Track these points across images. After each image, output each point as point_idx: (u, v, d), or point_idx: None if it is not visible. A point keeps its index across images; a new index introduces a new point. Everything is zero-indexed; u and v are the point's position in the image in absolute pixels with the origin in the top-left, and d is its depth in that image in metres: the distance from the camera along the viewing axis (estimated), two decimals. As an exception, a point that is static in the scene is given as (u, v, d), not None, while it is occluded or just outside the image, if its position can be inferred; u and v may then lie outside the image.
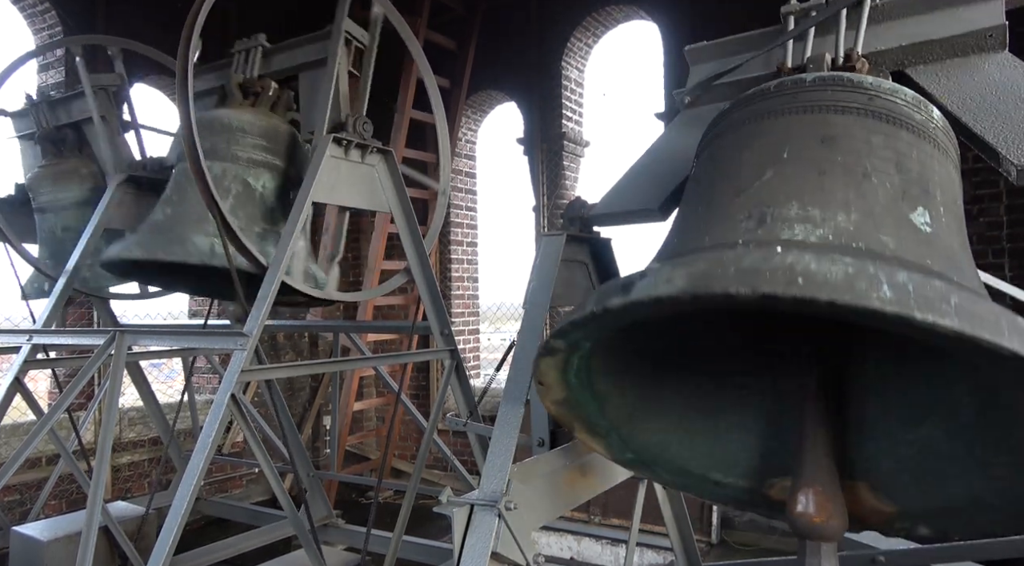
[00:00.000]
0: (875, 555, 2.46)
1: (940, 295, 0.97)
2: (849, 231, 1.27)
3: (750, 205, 1.39)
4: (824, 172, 1.39)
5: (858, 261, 1.00)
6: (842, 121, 1.47)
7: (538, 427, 2.30)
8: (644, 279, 1.14)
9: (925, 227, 1.32)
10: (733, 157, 1.56)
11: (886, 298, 0.95)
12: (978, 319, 0.95)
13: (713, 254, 1.14)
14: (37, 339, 3.73)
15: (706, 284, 1.05)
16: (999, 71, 1.76)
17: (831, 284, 0.97)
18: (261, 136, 3.42)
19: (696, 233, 1.46)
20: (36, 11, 6.18)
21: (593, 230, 2.40)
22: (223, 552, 4.16)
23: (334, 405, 5.15)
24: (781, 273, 1.01)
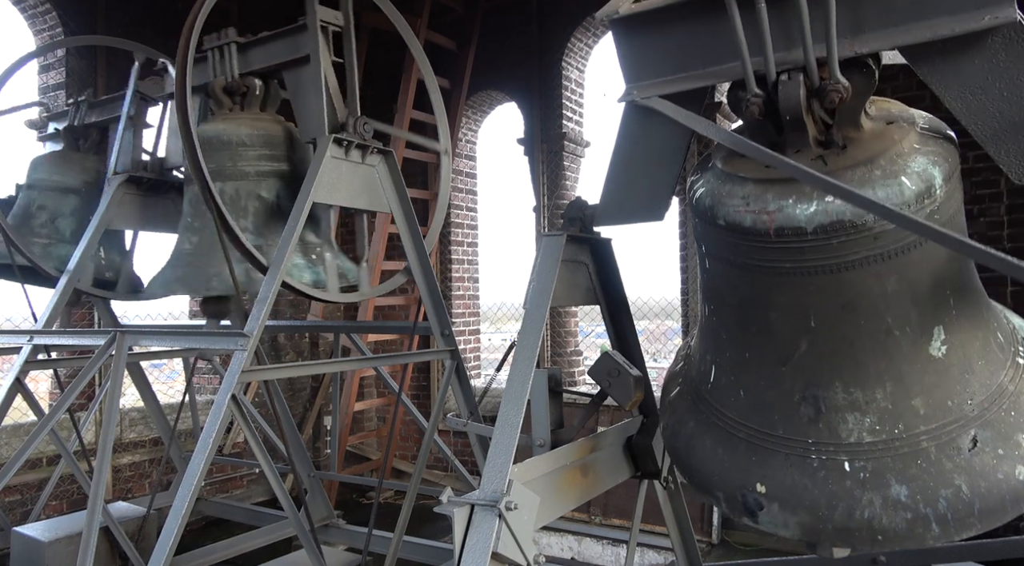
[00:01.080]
0: (876, 555, 2.46)
1: (968, 510, 1.54)
2: (889, 411, 1.63)
3: (800, 382, 1.72)
4: (853, 342, 1.65)
5: (910, 494, 1.55)
6: (855, 279, 1.61)
7: (539, 428, 2.31)
8: (764, 514, 1.70)
9: (941, 350, 1.63)
10: (759, 313, 1.78)
11: (935, 535, 1.55)
12: (995, 517, 1.55)
13: (801, 481, 1.66)
14: (38, 340, 3.74)
15: (814, 538, 1.65)
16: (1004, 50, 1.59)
17: (900, 535, 1.56)
18: (262, 145, 3.42)
19: (758, 399, 1.81)
20: (37, 12, 6.18)
21: (593, 230, 2.40)
22: (224, 552, 4.16)
23: (335, 405, 5.14)
24: (866, 534, 1.57)
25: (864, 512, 1.56)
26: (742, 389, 1.86)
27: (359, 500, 7.29)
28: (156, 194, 4.33)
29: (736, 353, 1.89)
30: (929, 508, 1.54)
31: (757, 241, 1.66)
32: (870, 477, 1.61)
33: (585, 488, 2.14)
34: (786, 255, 1.62)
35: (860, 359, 1.65)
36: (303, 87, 3.39)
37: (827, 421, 1.68)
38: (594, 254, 2.48)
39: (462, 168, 7.98)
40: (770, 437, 1.76)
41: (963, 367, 1.65)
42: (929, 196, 1.57)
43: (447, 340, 3.74)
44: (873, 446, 1.63)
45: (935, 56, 1.63)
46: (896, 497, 1.56)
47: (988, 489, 1.56)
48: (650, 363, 8.70)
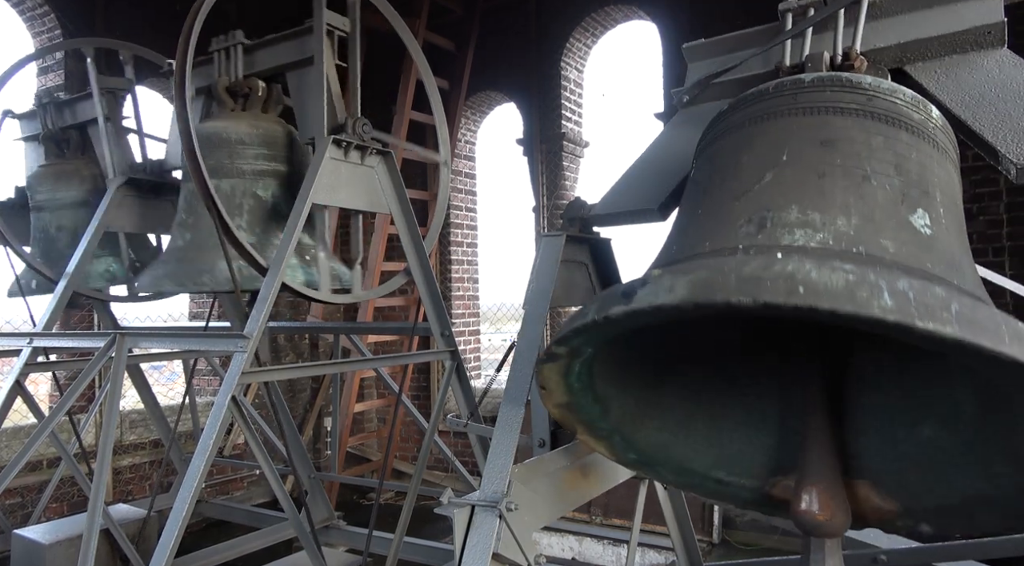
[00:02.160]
0: (876, 554, 2.46)
1: (941, 302, 0.98)
2: (849, 235, 1.27)
3: (750, 209, 1.39)
4: (824, 175, 1.38)
5: (859, 268, 1.00)
6: (841, 123, 1.47)
7: (539, 428, 2.30)
8: (645, 287, 1.13)
9: (925, 229, 1.32)
10: (732, 159, 1.56)
11: (887, 306, 0.96)
12: (978, 326, 0.96)
13: (714, 261, 1.15)
14: (38, 342, 3.74)
15: (708, 293, 1.06)
16: (998, 68, 1.76)
17: (832, 293, 0.98)
18: (262, 145, 3.42)
19: (696, 237, 1.46)
20: (35, 14, 6.19)
21: (593, 230, 2.40)
22: (224, 554, 4.16)
23: (335, 406, 5.15)
24: (782, 282, 1.01)
25: (787, 265, 1.04)
26: (678, 244, 1.54)
27: (359, 501, 7.30)
28: (156, 196, 4.33)
29: (690, 215, 1.60)
30: (883, 280, 0.99)
31: (755, 100, 1.64)
32: (806, 256, 1.17)
33: (586, 488, 2.14)
34: (779, 101, 1.58)
35: (828, 190, 1.35)
36: (305, 88, 3.40)
37: (769, 234, 1.31)
38: (594, 254, 2.48)
39: (461, 168, 7.98)
40: (693, 256, 1.40)
41: (947, 255, 1.32)
42: (923, 106, 1.57)
43: (447, 341, 3.74)
44: (818, 250, 1.26)
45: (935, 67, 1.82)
46: (839, 266, 1.01)
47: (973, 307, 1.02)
48: (650, 363, 8.67)
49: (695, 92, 2.18)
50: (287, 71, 3.50)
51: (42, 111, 4.50)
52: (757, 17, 2.15)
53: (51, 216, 4.42)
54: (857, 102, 1.50)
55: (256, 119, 3.52)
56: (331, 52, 3.36)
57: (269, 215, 3.40)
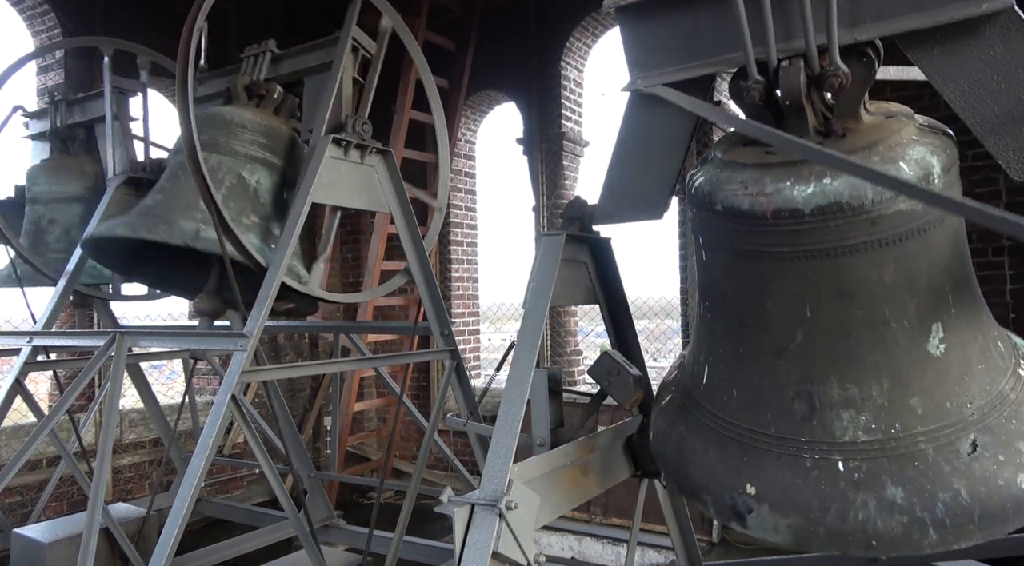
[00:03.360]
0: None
1: (966, 515, 1.46)
2: (885, 408, 1.59)
3: (794, 376, 1.68)
4: (850, 334, 1.61)
5: (908, 504, 1.49)
6: (852, 264, 1.58)
7: (538, 427, 2.31)
8: (753, 517, 1.65)
9: (940, 349, 1.60)
10: (756, 302, 1.74)
11: (933, 542, 1.47)
12: (996, 526, 1.47)
13: (793, 482, 1.61)
14: (37, 341, 3.74)
15: (805, 541, 1.57)
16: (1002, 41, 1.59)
17: (895, 541, 1.48)
18: (261, 133, 3.42)
19: (751, 396, 1.77)
20: (35, 13, 6.18)
21: (593, 229, 2.40)
22: (224, 553, 4.16)
23: (335, 406, 5.15)
24: (860, 537, 1.50)
25: (858, 514, 1.50)
26: (735, 387, 1.82)
27: (359, 500, 7.30)
28: (155, 195, 4.33)
29: (730, 348, 1.85)
30: (926, 512, 1.47)
31: (755, 225, 1.64)
32: (864, 478, 1.56)
33: (585, 487, 2.14)
34: (783, 239, 1.60)
35: (856, 352, 1.61)
36: (317, 89, 3.46)
37: (821, 418, 1.63)
38: (593, 253, 2.48)
39: (461, 168, 7.98)
40: (762, 436, 1.72)
41: (963, 368, 1.61)
42: (927, 183, 1.56)
43: (447, 340, 3.74)
44: (868, 445, 1.58)
45: (934, 48, 1.65)
46: (891, 499, 1.50)
47: (988, 495, 1.50)
48: (650, 362, 8.70)
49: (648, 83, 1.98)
50: (306, 75, 3.54)
51: (53, 109, 4.54)
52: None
53: (44, 209, 4.43)
54: (862, 231, 1.55)
55: (263, 114, 3.53)
56: (351, 64, 3.45)
57: (247, 198, 3.34)
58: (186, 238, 3.10)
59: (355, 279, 8.12)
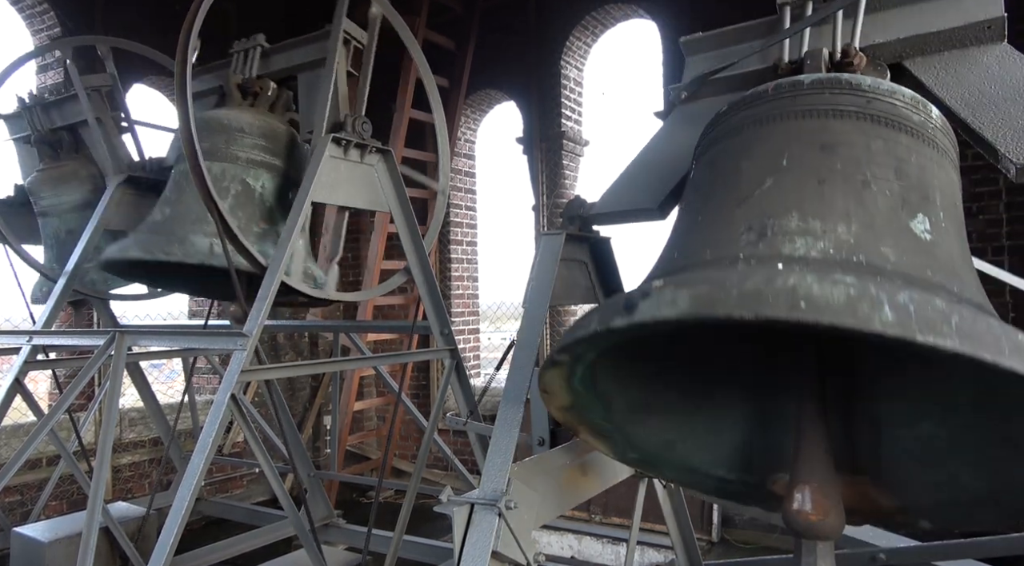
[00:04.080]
0: (875, 553, 2.46)
1: (941, 315, 0.99)
2: (850, 243, 1.28)
3: (751, 216, 1.39)
4: (824, 181, 1.38)
5: (859, 281, 1.01)
6: (841, 126, 1.47)
7: (538, 426, 2.30)
8: (647, 299, 1.14)
9: (925, 234, 1.33)
10: (732, 164, 1.55)
11: (888, 321, 0.97)
12: (978, 339, 0.97)
13: (715, 273, 1.16)
14: (37, 340, 3.73)
15: (710, 307, 1.07)
16: (998, 64, 1.75)
17: (833, 307, 0.99)
18: (260, 136, 3.42)
19: (698, 244, 1.46)
20: (35, 12, 6.18)
21: (592, 229, 2.40)
22: (224, 552, 4.16)
23: (334, 405, 5.15)
24: (783, 296, 1.02)
25: (788, 279, 1.04)
26: (676, 250, 1.54)
27: (359, 499, 7.30)
28: (155, 194, 4.31)
29: (689, 220, 1.60)
30: (883, 293, 1.00)
31: (754, 102, 1.62)
32: (807, 267, 1.20)
33: (585, 487, 2.14)
34: (778, 105, 1.57)
35: (828, 197, 1.36)
36: (313, 88, 3.44)
37: (769, 242, 1.32)
38: (593, 253, 2.48)
39: (461, 167, 7.98)
40: (695, 264, 1.41)
41: (948, 260, 1.33)
42: (923, 106, 1.56)
43: (446, 339, 3.74)
44: (820, 260, 1.26)
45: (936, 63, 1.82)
46: (839, 279, 1.02)
47: (973, 321, 1.02)
48: (650, 362, 8.67)
49: (693, 88, 2.18)
50: (299, 72, 3.52)
51: (28, 114, 4.43)
52: (757, 16, 2.15)
53: (59, 221, 4.41)
54: (856, 104, 1.49)
55: (261, 114, 3.53)
56: (344, 57, 3.41)
57: (254, 204, 3.37)
58: (201, 256, 3.15)
59: (355, 278, 8.12)
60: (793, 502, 1.31)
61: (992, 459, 1.33)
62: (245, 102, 3.56)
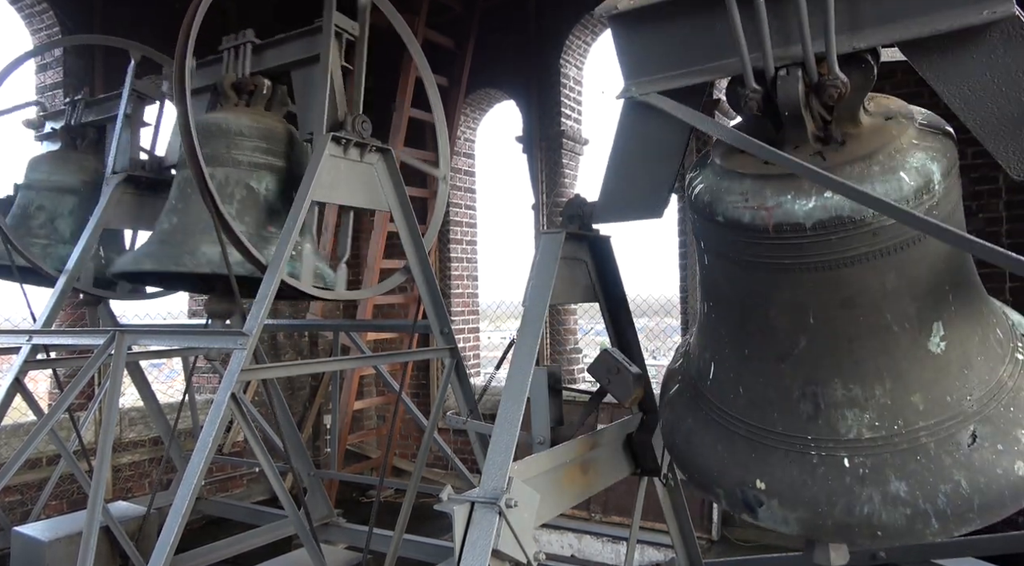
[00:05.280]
0: (875, 551, 2.46)
1: (967, 506, 1.53)
2: (888, 407, 1.63)
3: (799, 379, 1.72)
4: (852, 339, 1.65)
5: (911, 496, 1.55)
6: (854, 275, 1.60)
7: (538, 425, 2.31)
8: (763, 510, 1.71)
9: (940, 346, 1.63)
10: (760, 311, 1.77)
11: (934, 530, 1.54)
12: (994, 512, 1.54)
13: (800, 477, 1.66)
14: (37, 339, 3.73)
15: (814, 533, 1.64)
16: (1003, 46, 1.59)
17: (899, 531, 1.55)
18: (260, 138, 3.41)
19: (759, 396, 1.80)
20: (34, 11, 6.17)
21: (592, 228, 2.40)
22: (224, 551, 4.16)
23: (334, 404, 5.14)
24: (866, 529, 1.57)
25: (863, 508, 1.57)
26: (741, 386, 1.86)
27: (359, 499, 7.30)
28: (154, 193, 4.32)
29: (735, 350, 1.89)
30: (928, 504, 1.54)
31: (756, 237, 1.66)
32: (869, 473, 1.61)
33: (585, 485, 2.15)
34: (785, 251, 1.62)
35: (859, 356, 1.66)
36: (309, 86, 3.42)
37: (826, 417, 1.69)
38: (593, 251, 2.48)
39: (461, 166, 7.98)
40: (769, 434, 1.77)
41: (962, 363, 1.65)
42: (928, 192, 1.57)
43: (446, 338, 3.74)
44: (872, 442, 1.63)
45: (933, 52, 1.63)
46: (895, 493, 1.56)
47: (987, 484, 1.56)
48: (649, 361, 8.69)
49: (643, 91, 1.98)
50: (293, 69, 3.50)
51: (71, 107, 4.56)
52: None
53: (36, 195, 4.45)
54: (864, 243, 1.57)
55: (259, 114, 3.52)
56: (338, 52, 3.37)
57: (260, 207, 3.37)
58: (213, 266, 3.17)
59: (354, 277, 8.11)
60: None
61: None
62: (241, 101, 3.55)
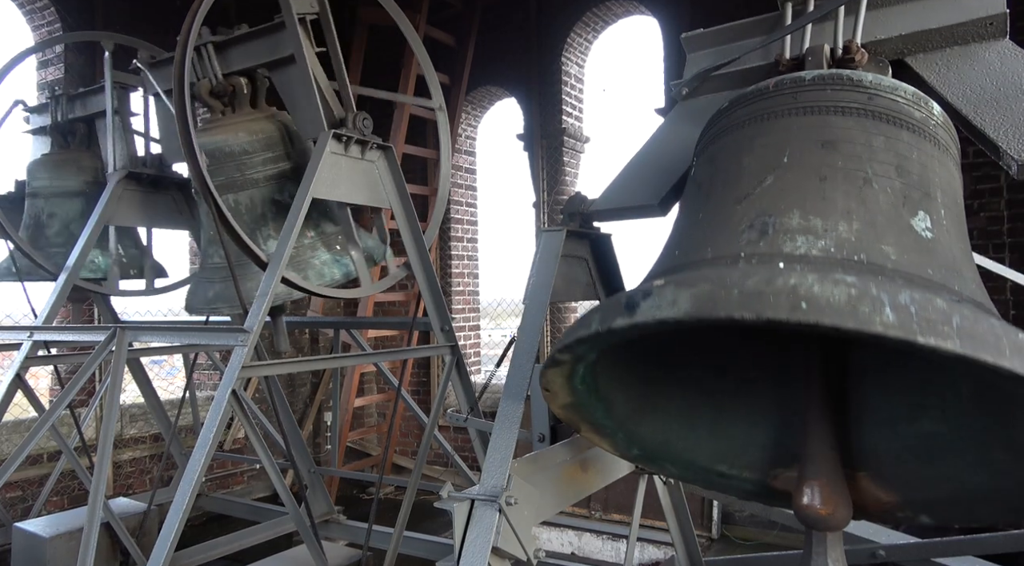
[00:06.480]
0: (876, 549, 2.46)
1: (942, 316, 0.98)
2: (851, 242, 1.27)
3: (752, 213, 1.39)
4: (825, 178, 1.38)
5: (861, 281, 1.00)
6: (842, 123, 1.47)
7: (538, 423, 2.31)
8: (648, 299, 1.13)
9: (926, 232, 1.33)
10: (733, 161, 1.55)
11: (889, 322, 0.97)
12: (979, 340, 0.97)
13: (716, 272, 1.15)
14: (38, 336, 3.74)
15: (711, 308, 1.06)
16: (1000, 61, 1.76)
17: (834, 308, 0.98)
18: (264, 149, 3.39)
19: (699, 242, 1.46)
20: (35, 7, 6.17)
21: (593, 225, 2.40)
22: (224, 548, 4.17)
23: (335, 401, 5.15)
24: (784, 297, 1.01)
25: (789, 279, 1.03)
26: (680, 247, 1.53)
27: (359, 496, 7.31)
28: (156, 190, 4.33)
29: (691, 217, 1.59)
30: (884, 294, 0.98)
31: (756, 98, 1.62)
32: (808, 267, 1.20)
33: (585, 483, 2.15)
34: (780, 101, 1.57)
35: (829, 195, 1.35)
36: (294, 87, 3.32)
37: (771, 241, 1.32)
38: (594, 249, 2.48)
39: (462, 163, 7.97)
40: (695, 263, 1.40)
41: (948, 262, 1.33)
42: (924, 103, 1.55)
43: (447, 336, 3.74)
44: (821, 258, 1.26)
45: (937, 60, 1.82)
46: (840, 279, 1.01)
47: (974, 316, 1.03)
48: (650, 358, 8.67)
49: (694, 84, 2.18)
50: (269, 70, 3.43)
51: (53, 103, 4.54)
52: (758, 12, 2.14)
53: (44, 203, 4.45)
54: (858, 101, 1.49)
55: (251, 121, 3.44)
56: (310, 43, 3.26)
57: None
58: (281, 297, 3.21)
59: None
60: (803, 496, 1.37)
61: (992, 455, 1.33)
62: (226, 107, 3.48)
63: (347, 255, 3.39)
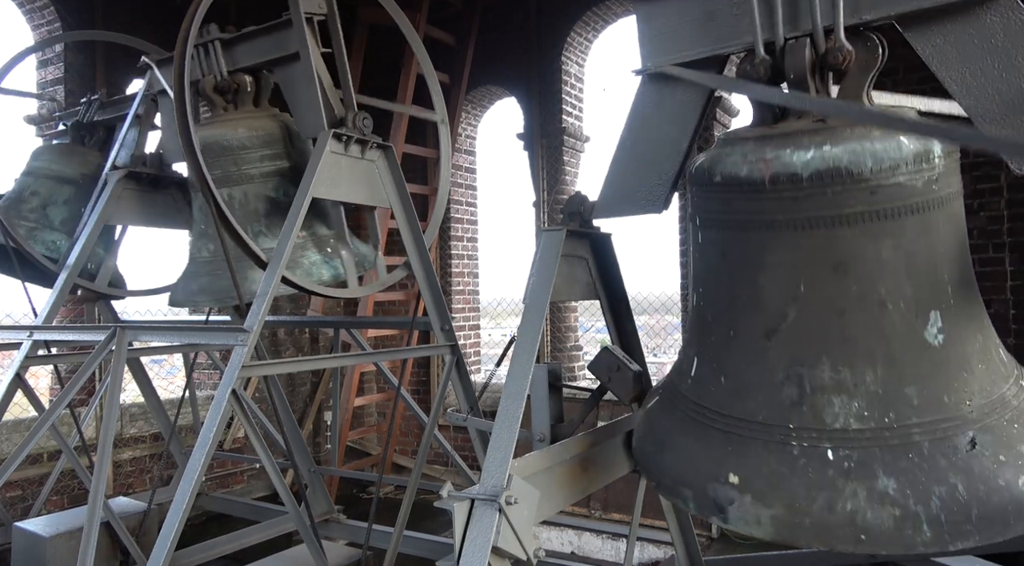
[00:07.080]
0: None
1: (964, 513, 1.36)
2: (878, 396, 1.52)
3: (784, 358, 1.61)
4: (843, 312, 1.56)
5: (899, 487, 1.39)
6: (849, 237, 1.55)
7: (538, 423, 2.31)
8: (734, 507, 1.55)
9: (938, 339, 1.54)
10: (748, 276, 1.69)
11: (927, 540, 1.35)
12: (995, 528, 1.37)
13: (782, 482, 1.51)
14: (38, 335, 3.74)
15: (789, 535, 1.48)
16: (1003, 31, 1.62)
17: (886, 536, 1.37)
18: (262, 145, 3.39)
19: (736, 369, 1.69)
20: (35, 7, 6.17)
21: (593, 225, 2.40)
22: (224, 547, 4.17)
23: (335, 401, 5.15)
24: (846, 530, 1.40)
25: (846, 504, 1.40)
26: (723, 375, 1.74)
27: (359, 495, 7.31)
28: (156, 190, 4.33)
29: (720, 333, 1.78)
30: (920, 506, 1.36)
31: (752, 192, 1.63)
32: (855, 467, 1.47)
33: (585, 483, 2.15)
34: (780, 206, 1.58)
35: (850, 334, 1.54)
36: (296, 84, 3.34)
37: (811, 404, 1.56)
38: (594, 249, 2.48)
39: (461, 163, 7.97)
40: (749, 424, 1.63)
41: (961, 364, 1.55)
42: (927, 161, 1.55)
43: (447, 335, 3.74)
44: (860, 434, 1.50)
45: (935, 35, 1.68)
46: (883, 490, 1.39)
47: (987, 494, 1.40)
48: (650, 358, 8.69)
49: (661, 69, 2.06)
50: (274, 67, 3.45)
51: (86, 106, 4.61)
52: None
53: (33, 181, 4.45)
54: (862, 202, 1.53)
55: (252, 118, 3.47)
56: (315, 42, 3.28)
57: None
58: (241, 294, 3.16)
59: (355, 274, 8.11)
60: None
61: None
62: (228, 104, 3.49)
63: (337, 257, 3.39)
